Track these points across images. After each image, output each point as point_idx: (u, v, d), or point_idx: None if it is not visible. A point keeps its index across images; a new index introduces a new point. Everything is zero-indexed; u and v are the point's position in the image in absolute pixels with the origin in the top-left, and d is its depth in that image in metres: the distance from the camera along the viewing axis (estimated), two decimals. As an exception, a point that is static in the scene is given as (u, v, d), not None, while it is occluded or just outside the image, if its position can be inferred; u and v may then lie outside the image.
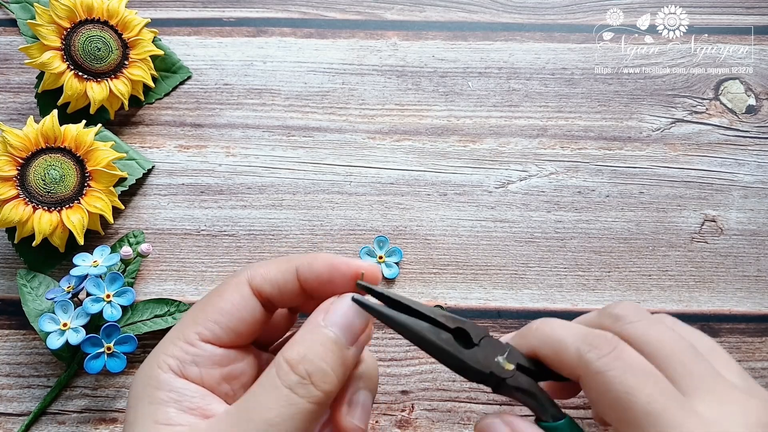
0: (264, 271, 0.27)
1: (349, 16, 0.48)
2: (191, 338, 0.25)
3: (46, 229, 0.38)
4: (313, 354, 0.24)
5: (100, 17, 0.43)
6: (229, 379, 0.26)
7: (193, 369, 0.25)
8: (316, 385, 0.23)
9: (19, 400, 0.38)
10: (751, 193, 0.43)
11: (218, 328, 0.26)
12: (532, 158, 0.44)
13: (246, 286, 0.27)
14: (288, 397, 0.23)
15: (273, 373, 0.23)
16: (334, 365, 0.24)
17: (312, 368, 0.23)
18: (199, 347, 0.25)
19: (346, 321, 0.25)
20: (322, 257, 0.27)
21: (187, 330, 0.26)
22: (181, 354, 0.25)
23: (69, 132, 0.40)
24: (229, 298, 0.26)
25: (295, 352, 0.24)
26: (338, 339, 0.24)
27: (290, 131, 0.45)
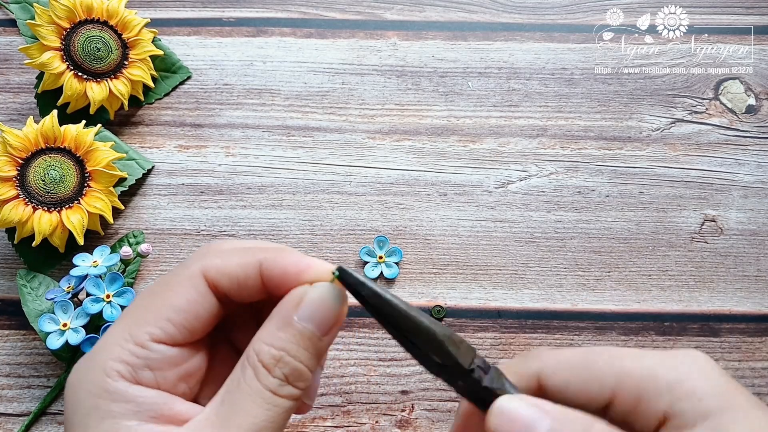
0: (220, 263, 0.24)
1: (349, 16, 0.48)
2: (141, 339, 0.23)
3: (46, 229, 0.38)
4: (290, 354, 0.23)
5: (99, 17, 0.43)
6: (186, 377, 0.24)
7: (146, 374, 0.22)
8: (295, 384, 0.23)
9: (19, 400, 0.38)
10: (751, 193, 0.43)
11: (172, 327, 0.23)
12: (532, 158, 0.44)
13: (201, 280, 0.24)
14: (271, 399, 0.22)
15: (251, 376, 0.22)
16: (310, 362, 0.23)
17: (288, 370, 0.23)
18: (152, 349, 0.23)
19: (321, 313, 0.23)
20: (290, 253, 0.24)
21: (136, 329, 0.23)
22: (131, 358, 0.22)
23: (69, 132, 0.40)
24: (182, 293, 0.23)
25: (271, 355, 0.22)
26: (314, 335, 0.23)
27: (290, 131, 0.45)
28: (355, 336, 0.40)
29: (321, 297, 0.23)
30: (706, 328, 0.40)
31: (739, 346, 0.40)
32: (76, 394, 0.22)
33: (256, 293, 0.24)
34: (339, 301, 0.24)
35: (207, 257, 0.24)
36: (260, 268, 0.24)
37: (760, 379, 0.39)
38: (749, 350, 0.40)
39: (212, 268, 0.24)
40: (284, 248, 0.25)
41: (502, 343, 0.40)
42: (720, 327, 0.40)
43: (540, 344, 0.40)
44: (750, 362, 0.40)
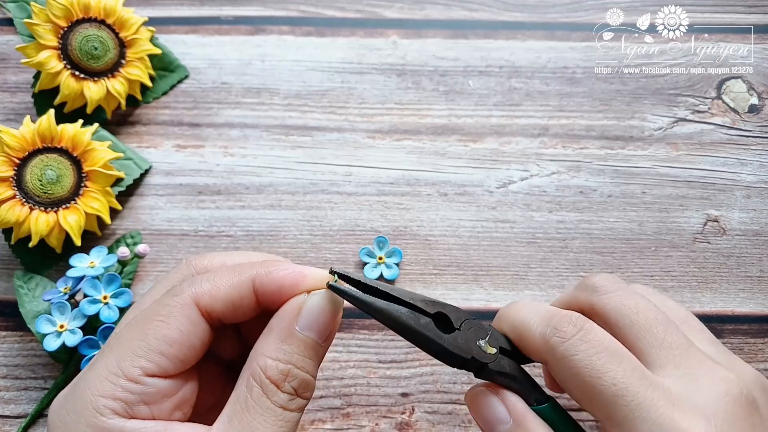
0: (211, 289, 0.23)
1: (349, 15, 0.48)
2: (133, 374, 0.22)
3: (43, 230, 0.38)
4: (297, 367, 0.23)
5: (97, 16, 0.42)
6: (180, 405, 0.24)
7: (142, 409, 0.22)
8: (303, 395, 0.23)
9: (16, 402, 0.38)
10: (753, 193, 0.43)
11: (165, 360, 0.22)
12: (533, 158, 0.44)
13: (194, 309, 0.23)
14: (283, 415, 0.22)
15: (259, 394, 0.22)
16: (313, 370, 0.23)
17: (297, 383, 0.23)
18: (146, 383, 0.22)
19: (321, 321, 0.23)
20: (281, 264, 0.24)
21: (126, 364, 0.22)
22: (124, 394, 0.22)
23: (66, 132, 0.40)
24: (175, 324, 0.23)
25: (278, 370, 0.22)
26: (315, 343, 0.23)
27: (289, 131, 0.45)
28: (355, 338, 0.40)
29: (319, 305, 0.23)
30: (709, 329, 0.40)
31: (742, 347, 0.40)
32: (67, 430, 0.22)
33: (251, 311, 0.24)
34: (336, 307, 0.24)
35: (195, 283, 0.24)
36: (253, 285, 0.24)
37: (763, 380, 0.39)
38: (752, 351, 0.40)
39: (204, 294, 0.23)
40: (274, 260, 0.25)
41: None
42: (723, 328, 0.40)
43: (541, 346, 0.40)
44: (753, 363, 0.39)
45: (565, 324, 0.25)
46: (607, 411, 0.23)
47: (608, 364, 0.23)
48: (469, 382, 0.38)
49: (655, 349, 0.25)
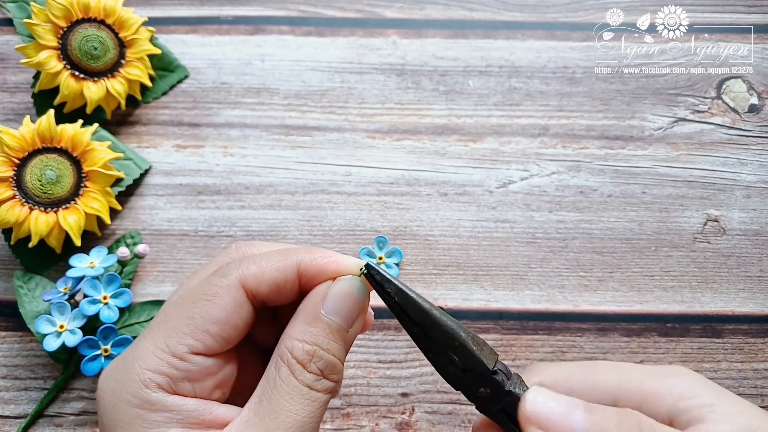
0: (257, 270, 0.24)
1: (348, 14, 0.48)
2: (180, 351, 0.23)
3: (43, 230, 0.38)
4: (322, 349, 0.23)
5: (96, 16, 0.42)
6: (221, 385, 0.24)
7: (185, 385, 0.23)
8: (329, 377, 0.24)
9: (16, 402, 0.38)
10: (753, 193, 0.43)
11: (210, 339, 0.23)
12: (533, 158, 0.44)
13: (240, 290, 0.24)
14: (309, 395, 0.23)
15: (286, 373, 0.23)
16: (341, 354, 0.24)
17: (323, 364, 0.23)
18: (191, 361, 0.23)
19: (346, 307, 0.24)
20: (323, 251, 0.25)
21: (173, 341, 0.23)
22: (170, 370, 0.23)
23: (65, 132, 0.40)
24: (221, 304, 0.23)
25: (304, 350, 0.23)
26: (341, 328, 0.24)
27: (289, 131, 0.45)
28: (355, 337, 0.40)
29: (344, 290, 0.24)
30: (709, 329, 0.40)
31: (742, 347, 0.40)
32: (115, 405, 0.22)
33: (293, 295, 0.25)
34: (362, 294, 0.25)
35: (243, 265, 0.24)
36: (298, 270, 0.24)
37: (763, 380, 0.39)
38: (752, 351, 0.40)
39: (251, 276, 0.24)
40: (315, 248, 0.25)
41: (503, 344, 0.40)
42: (723, 328, 0.40)
43: (542, 346, 0.40)
44: (753, 363, 0.39)
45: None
46: None
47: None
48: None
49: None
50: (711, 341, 0.40)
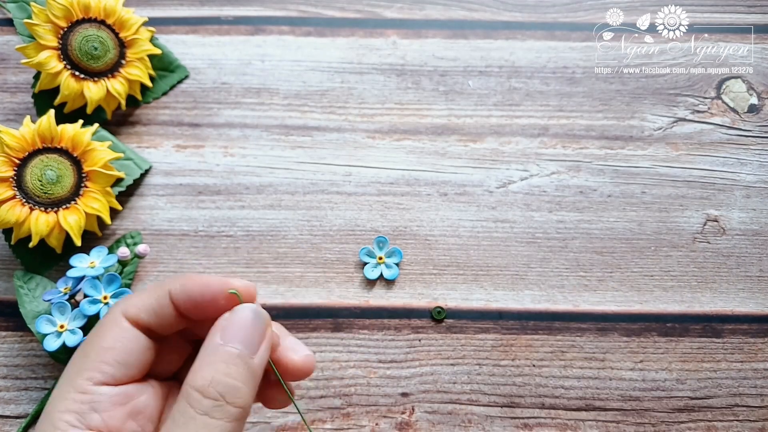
0: (137, 301, 0.26)
1: (348, 15, 0.48)
2: (82, 386, 0.24)
3: (43, 230, 0.38)
4: (220, 374, 0.23)
5: (96, 16, 0.42)
6: (134, 415, 0.25)
7: (94, 417, 0.24)
8: (232, 402, 0.23)
9: (17, 402, 0.38)
10: (753, 193, 0.43)
11: (108, 367, 0.25)
12: (533, 158, 0.44)
13: (122, 319, 0.26)
14: (206, 423, 0.23)
15: (184, 405, 0.23)
16: (243, 379, 0.24)
17: (222, 388, 0.23)
18: (94, 392, 0.24)
19: (244, 333, 0.24)
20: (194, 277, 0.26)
21: (76, 379, 0.24)
22: (76, 406, 0.24)
23: (66, 132, 0.40)
24: (109, 335, 0.25)
25: (201, 378, 0.23)
26: (241, 353, 0.24)
27: (289, 131, 0.45)
28: (355, 338, 0.40)
29: (240, 319, 0.25)
30: (709, 329, 0.40)
31: (742, 347, 0.40)
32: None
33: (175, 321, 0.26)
34: (259, 319, 0.25)
35: (124, 300, 0.26)
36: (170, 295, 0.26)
37: (763, 380, 0.39)
38: (752, 351, 0.40)
39: (129, 307, 0.26)
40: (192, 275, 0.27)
41: (503, 344, 0.40)
42: (722, 328, 0.40)
43: (542, 345, 0.40)
44: (753, 363, 0.39)
45: None
46: None
47: None
48: (468, 382, 0.38)
49: None
50: (711, 341, 0.40)
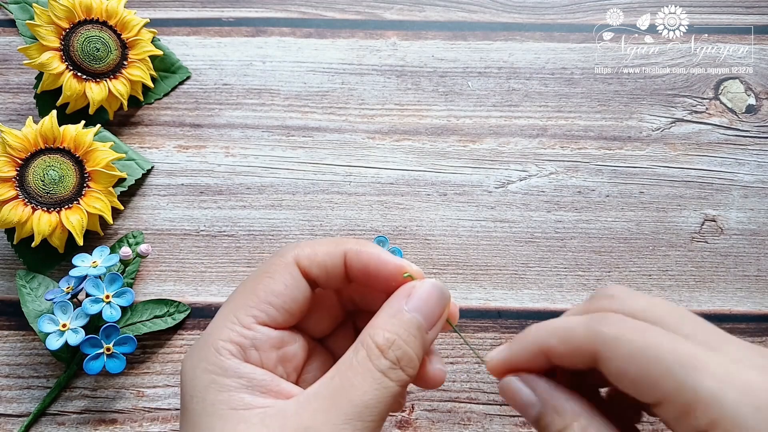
0: (311, 252, 0.27)
1: (349, 16, 0.48)
2: (247, 322, 0.25)
3: (45, 229, 0.38)
4: (401, 339, 0.25)
5: (98, 17, 0.42)
6: (284, 361, 0.26)
7: (253, 353, 0.25)
8: (405, 369, 0.25)
9: (19, 401, 0.38)
10: (751, 193, 0.43)
11: (273, 310, 0.26)
12: (532, 158, 0.44)
13: (295, 267, 0.27)
14: (381, 380, 0.24)
15: (364, 356, 0.24)
16: (418, 350, 0.25)
17: (401, 354, 0.24)
18: (257, 330, 0.25)
19: (428, 307, 0.26)
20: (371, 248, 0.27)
21: (241, 313, 0.25)
22: (239, 338, 0.25)
23: (68, 132, 0.40)
24: (280, 279, 0.26)
25: (385, 338, 0.24)
26: (421, 325, 0.25)
27: (289, 131, 0.45)
28: (355, 336, 0.40)
29: (427, 291, 0.26)
30: (707, 328, 0.40)
31: (740, 346, 0.40)
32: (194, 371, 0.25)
33: (341, 281, 0.28)
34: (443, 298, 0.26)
35: (298, 247, 0.27)
36: (344, 258, 0.27)
37: (760, 379, 0.39)
38: (749, 350, 0.40)
39: (304, 256, 0.27)
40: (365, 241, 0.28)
41: (502, 343, 0.40)
42: (720, 327, 0.40)
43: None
44: (750, 362, 0.40)
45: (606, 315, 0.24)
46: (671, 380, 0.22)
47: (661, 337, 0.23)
48: (468, 380, 0.39)
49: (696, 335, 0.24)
50: (708, 340, 0.40)
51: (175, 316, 0.39)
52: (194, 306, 0.40)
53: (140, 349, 0.39)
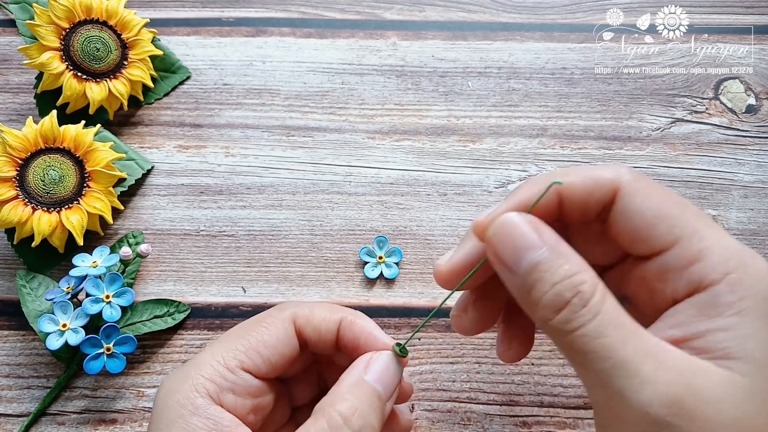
0: (309, 313, 0.28)
1: (349, 16, 0.48)
2: (232, 365, 0.26)
3: (46, 229, 0.38)
4: (363, 409, 0.25)
5: (99, 17, 0.43)
6: (256, 410, 0.27)
7: (229, 397, 0.25)
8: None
9: (19, 401, 0.38)
10: (751, 193, 0.43)
11: (260, 360, 0.26)
12: (532, 158, 0.44)
13: (291, 324, 0.27)
14: None
15: (323, 427, 0.24)
16: (378, 420, 0.25)
17: (363, 423, 0.24)
18: (239, 375, 0.26)
19: (387, 377, 0.26)
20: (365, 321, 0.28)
21: (229, 356, 0.26)
22: (219, 380, 0.25)
23: (68, 132, 0.40)
24: (275, 332, 0.27)
25: (347, 406, 0.24)
26: (381, 395, 0.26)
27: (290, 131, 0.45)
28: (355, 336, 0.40)
29: (385, 362, 0.27)
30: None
31: (740, 346, 0.40)
32: (166, 402, 0.25)
33: (331, 347, 0.28)
34: (398, 370, 0.27)
35: (298, 306, 0.28)
36: (339, 325, 0.28)
37: (760, 379, 0.39)
38: (750, 350, 0.40)
39: (302, 316, 0.28)
40: (361, 315, 0.29)
41: (502, 343, 0.40)
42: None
43: (540, 344, 0.40)
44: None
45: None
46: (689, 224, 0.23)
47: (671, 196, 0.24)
48: (468, 380, 0.39)
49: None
50: (708, 340, 0.40)
51: (175, 316, 0.39)
52: (194, 306, 0.40)
53: (140, 349, 0.39)
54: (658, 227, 0.24)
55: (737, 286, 0.22)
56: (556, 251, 0.23)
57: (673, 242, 0.23)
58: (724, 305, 0.22)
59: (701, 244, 0.23)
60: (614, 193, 0.25)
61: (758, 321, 0.22)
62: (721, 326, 0.22)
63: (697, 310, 0.22)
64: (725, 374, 0.21)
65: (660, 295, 0.24)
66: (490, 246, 0.24)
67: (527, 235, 0.23)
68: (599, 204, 0.25)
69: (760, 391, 0.21)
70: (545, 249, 0.23)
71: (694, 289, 0.23)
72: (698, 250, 0.23)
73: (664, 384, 0.21)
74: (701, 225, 0.24)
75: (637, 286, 0.26)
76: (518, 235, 0.23)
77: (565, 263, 0.22)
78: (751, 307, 0.22)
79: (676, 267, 0.23)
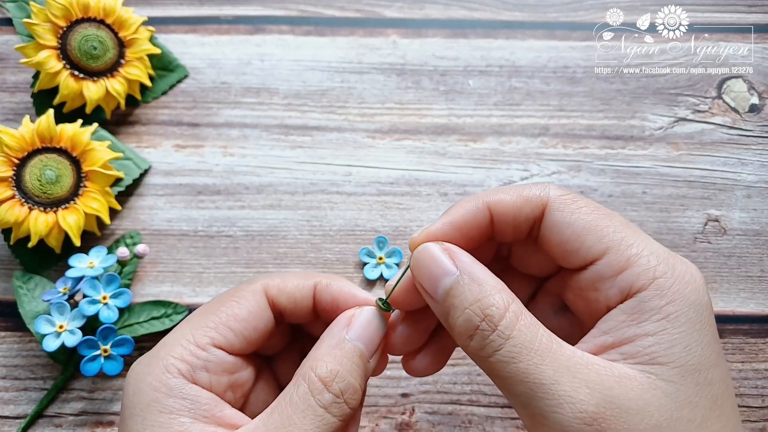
0: (280, 283, 0.27)
1: (348, 14, 0.48)
2: (203, 342, 0.25)
3: (42, 230, 0.38)
4: (344, 370, 0.24)
5: (96, 16, 0.42)
6: (234, 387, 0.26)
7: (203, 375, 0.24)
8: (348, 402, 0.24)
9: (16, 402, 0.38)
10: (754, 193, 0.43)
11: (232, 335, 0.25)
12: (533, 158, 0.44)
13: (263, 296, 0.26)
14: (323, 417, 0.23)
15: (305, 391, 0.23)
16: (361, 381, 0.25)
17: (344, 385, 0.24)
18: (211, 352, 0.25)
19: (369, 334, 0.25)
20: (341, 282, 0.27)
21: (198, 333, 0.25)
22: (191, 358, 0.24)
23: (65, 132, 0.39)
24: (245, 305, 0.26)
25: (326, 369, 0.24)
26: (363, 353, 0.25)
27: (288, 130, 0.45)
28: (355, 338, 0.40)
29: (367, 319, 0.26)
30: (710, 329, 0.40)
31: (743, 347, 0.40)
32: (138, 387, 0.24)
33: (308, 314, 0.27)
34: (382, 325, 0.26)
35: (269, 276, 0.27)
36: (314, 290, 0.27)
37: (764, 380, 0.39)
38: (753, 351, 0.40)
39: (273, 286, 0.27)
40: (334, 276, 0.28)
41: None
42: (723, 328, 0.40)
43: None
44: (753, 363, 0.39)
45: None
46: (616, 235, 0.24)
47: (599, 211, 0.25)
48: (469, 383, 0.38)
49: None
50: (711, 341, 0.40)
51: (172, 318, 0.39)
52: (192, 307, 0.40)
53: (138, 350, 0.39)
54: (587, 238, 0.24)
55: (665, 290, 0.23)
56: (470, 275, 0.23)
57: (603, 252, 0.24)
58: (651, 310, 0.22)
59: (629, 251, 0.23)
60: (543, 209, 0.25)
61: (684, 325, 0.22)
62: (648, 331, 0.22)
63: (627, 316, 0.23)
64: (649, 380, 0.21)
65: (594, 304, 0.24)
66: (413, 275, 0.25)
67: (442, 262, 0.24)
68: (529, 220, 0.26)
69: (683, 396, 0.21)
70: (457, 275, 0.24)
71: (625, 296, 0.23)
72: (627, 258, 0.23)
73: (581, 401, 0.21)
74: (629, 233, 0.24)
75: (574, 296, 0.26)
76: (434, 263, 0.24)
77: (476, 287, 0.23)
78: (678, 311, 0.22)
79: (607, 275, 0.24)
